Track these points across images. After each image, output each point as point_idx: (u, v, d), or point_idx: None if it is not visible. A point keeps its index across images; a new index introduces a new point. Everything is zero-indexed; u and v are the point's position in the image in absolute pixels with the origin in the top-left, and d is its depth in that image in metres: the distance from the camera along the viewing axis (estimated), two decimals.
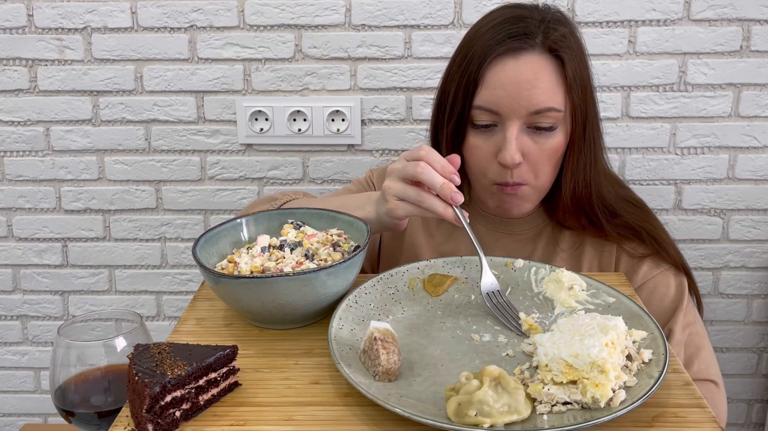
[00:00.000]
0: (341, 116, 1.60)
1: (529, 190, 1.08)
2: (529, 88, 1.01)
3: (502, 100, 1.02)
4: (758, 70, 1.55)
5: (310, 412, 0.73)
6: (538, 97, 1.02)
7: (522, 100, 1.01)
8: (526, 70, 1.02)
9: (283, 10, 1.56)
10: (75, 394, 0.86)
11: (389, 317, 0.90)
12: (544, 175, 1.07)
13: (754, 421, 1.80)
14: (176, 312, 1.78)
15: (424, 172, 0.91)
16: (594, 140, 1.09)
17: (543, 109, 1.02)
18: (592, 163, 1.09)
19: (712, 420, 0.70)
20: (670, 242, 1.13)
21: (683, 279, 1.11)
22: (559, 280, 0.93)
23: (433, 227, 1.21)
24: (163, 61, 1.60)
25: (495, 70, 1.03)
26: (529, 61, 1.02)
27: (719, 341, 1.73)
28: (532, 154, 1.05)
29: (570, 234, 1.15)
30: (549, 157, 1.06)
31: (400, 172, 0.94)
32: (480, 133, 1.06)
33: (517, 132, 1.03)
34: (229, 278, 0.85)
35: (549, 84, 1.02)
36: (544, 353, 0.73)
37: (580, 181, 1.08)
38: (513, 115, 1.02)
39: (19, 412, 1.87)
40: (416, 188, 0.93)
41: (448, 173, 0.92)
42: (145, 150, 1.66)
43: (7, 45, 1.60)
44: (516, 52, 1.02)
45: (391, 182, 0.96)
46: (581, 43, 1.08)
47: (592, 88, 1.09)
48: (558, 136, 1.05)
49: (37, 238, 1.73)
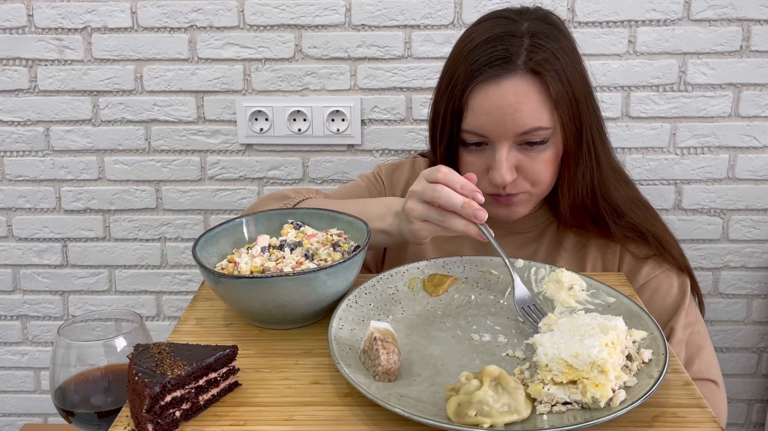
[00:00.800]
0: (341, 116, 1.60)
1: (527, 196, 1.08)
2: (513, 113, 1.01)
3: (488, 125, 1.02)
4: (758, 70, 1.55)
5: (310, 412, 0.73)
6: (523, 119, 1.01)
7: (507, 123, 1.01)
8: (508, 95, 1.01)
9: (283, 10, 1.56)
10: (75, 394, 0.86)
11: (389, 317, 0.90)
12: (542, 182, 1.07)
13: (754, 421, 1.80)
14: (176, 312, 1.78)
15: (442, 196, 0.91)
16: (594, 146, 1.08)
17: (530, 129, 1.02)
18: (593, 170, 1.08)
19: (712, 420, 0.70)
20: (674, 244, 1.13)
21: (685, 279, 1.11)
22: (559, 280, 0.93)
23: None
24: (163, 61, 1.60)
25: (479, 97, 1.02)
26: (512, 85, 1.01)
27: (719, 341, 1.73)
28: (526, 167, 1.05)
29: (574, 235, 1.15)
30: (545, 167, 1.05)
31: (421, 194, 0.94)
32: (471, 151, 1.07)
33: (507, 152, 1.03)
34: (229, 278, 0.85)
35: (533, 105, 1.02)
36: (544, 353, 0.73)
37: (580, 190, 1.08)
38: (501, 138, 1.03)
39: (19, 412, 1.87)
40: (438, 209, 0.93)
41: (469, 192, 0.91)
42: (145, 150, 1.66)
43: (7, 45, 1.60)
44: (498, 78, 1.01)
45: (413, 204, 0.95)
46: (572, 49, 1.06)
47: (587, 94, 1.07)
48: (550, 149, 1.05)
49: (37, 238, 1.73)
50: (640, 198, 1.18)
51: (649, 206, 1.18)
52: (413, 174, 1.25)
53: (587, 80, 1.08)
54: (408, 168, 1.26)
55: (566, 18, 1.54)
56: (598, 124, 1.10)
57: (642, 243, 1.11)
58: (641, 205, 1.16)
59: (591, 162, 1.08)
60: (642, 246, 1.11)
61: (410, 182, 1.24)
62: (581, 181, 1.08)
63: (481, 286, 0.96)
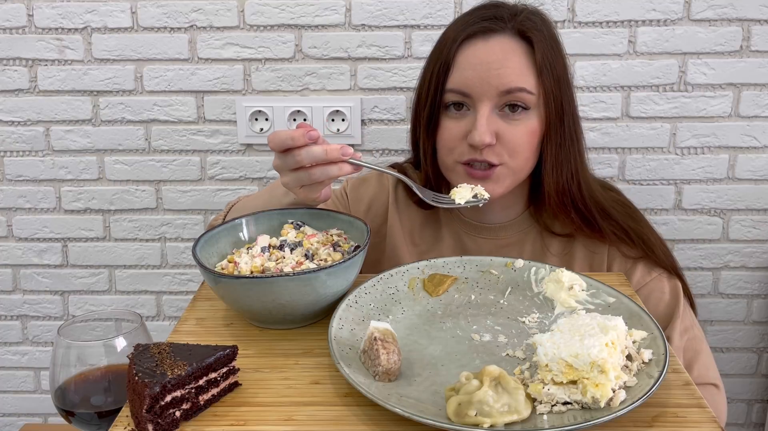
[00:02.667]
0: (341, 116, 1.60)
1: (504, 170, 1.06)
2: (498, 68, 1.02)
3: (472, 80, 1.03)
4: (758, 70, 1.55)
5: (310, 412, 0.73)
6: (508, 77, 1.02)
7: (492, 79, 1.02)
8: (495, 51, 1.03)
9: (283, 10, 1.56)
10: (75, 394, 0.86)
11: (389, 317, 0.90)
12: (520, 156, 1.05)
13: (754, 421, 1.80)
14: (176, 312, 1.78)
15: (303, 158, 0.92)
16: (575, 134, 1.08)
17: (513, 88, 1.03)
18: (575, 155, 1.08)
19: (712, 420, 0.70)
20: (658, 243, 1.12)
21: (677, 283, 1.10)
22: (559, 280, 0.93)
23: (416, 236, 1.21)
24: (163, 61, 1.60)
25: (466, 52, 1.05)
26: (499, 42, 1.04)
27: (719, 341, 1.73)
28: (506, 135, 1.04)
29: (559, 241, 1.14)
30: (524, 140, 1.05)
31: (284, 166, 0.95)
32: (452, 116, 1.07)
33: (489, 113, 1.04)
34: (229, 278, 0.85)
35: (518, 65, 1.03)
36: (544, 353, 0.73)
37: (564, 171, 1.07)
38: (483, 96, 1.03)
39: (19, 412, 1.87)
40: (306, 170, 0.93)
41: (308, 138, 0.91)
42: (145, 150, 1.66)
43: (7, 45, 1.60)
44: (486, 33, 1.04)
45: (285, 179, 0.96)
46: (557, 39, 1.08)
47: (568, 84, 1.08)
48: (532, 119, 1.05)
49: (37, 238, 1.73)
50: (623, 199, 1.18)
51: (632, 206, 1.17)
52: (381, 187, 1.24)
53: (569, 78, 1.09)
54: (375, 181, 1.25)
55: (566, 18, 1.54)
56: (577, 121, 1.10)
57: (628, 244, 1.10)
58: (624, 205, 1.16)
59: (574, 148, 1.08)
60: (628, 246, 1.11)
61: (376, 197, 1.23)
62: (565, 162, 1.07)
63: (481, 286, 0.96)
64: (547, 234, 1.15)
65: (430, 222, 1.21)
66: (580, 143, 1.10)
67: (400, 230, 1.21)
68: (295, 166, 0.93)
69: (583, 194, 1.09)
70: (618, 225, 1.10)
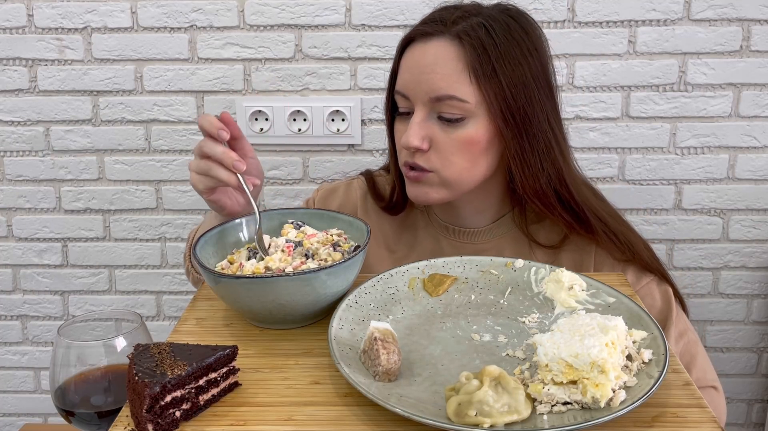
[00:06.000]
0: (341, 116, 1.60)
1: (435, 177, 1.04)
2: (428, 72, 1.00)
3: (409, 83, 1.03)
4: (758, 70, 1.55)
5: (310, 412, 0.73)
6: (437, 83, 1.00)
7: (422, 83, 1.01)
8: (429, 55, 1.01)
9: (283, 10, 1.56)
10: (75, 394, 0.86)
11: (389, 317, 0.90)
12: (453, 166, 1.03)
13: (754, 421, 1.80)
14: (176, 312, 1.78)
15: (206, 145, 0.98)
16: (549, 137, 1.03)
17: (443, 95, 1.00)
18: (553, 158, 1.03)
19: (712, 420, 0.70)
20: (640, 244, 1.11)
21: (667, 288, 1.09)
22: (559, 280, 0.93)
23: (392, 242, 1.20)
24: (163, 61, 1.60)
25: (406, 55, 1.05)
26: (434, 46, 1.01)
27: (719, 341, 1.73)
28: (440, 143, 1.02)
29: (544, 251, 1.12)
30: (459, 149, 1.02)
31: (198, 149, 1.00)
32: (401, 119, 1.08)
33: (423, 118, 1.02)
34: (229, 278, 0.85)
35: (450, 71, 0.99)
36: (544, 353, 0.73)
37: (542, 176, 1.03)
38: (417, 99, 1.03)
39: (19, 412, 1.87)
40: (206, 160, 0.99)
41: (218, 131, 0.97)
42: (145, 150, 1.66)
43: (7, 45, 1.60)
44: (425, 36, 1.03)
45: (193, 162, 1.02)
46: (525, 40, 1.02)
47: (536, 88, 1.01)
48: (468, 129, 1.01)
49: (37, 238, 1.73)
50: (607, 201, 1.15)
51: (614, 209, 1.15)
52: (348, 197, 1.23)
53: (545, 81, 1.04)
54: (343, 191, 1.24)
55: (566, 18, 1.54)
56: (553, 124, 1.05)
57: (614, 245, 1.09)
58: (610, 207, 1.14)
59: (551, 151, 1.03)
60: (617, 250, 1.09)
61: (343, 207, 1.23)
62: (537, 168, 1.03)
63: (481, 286, 0.96)
64: (534, 244, 1.13)
65: (406, 227, 1.20)
66: (559, 145, 1.05)
67: (373, 238, 1.20)
68: (200, 154, 0.99)
69: (572, 193, 1.06)
70: (607, 227, 1.09)
